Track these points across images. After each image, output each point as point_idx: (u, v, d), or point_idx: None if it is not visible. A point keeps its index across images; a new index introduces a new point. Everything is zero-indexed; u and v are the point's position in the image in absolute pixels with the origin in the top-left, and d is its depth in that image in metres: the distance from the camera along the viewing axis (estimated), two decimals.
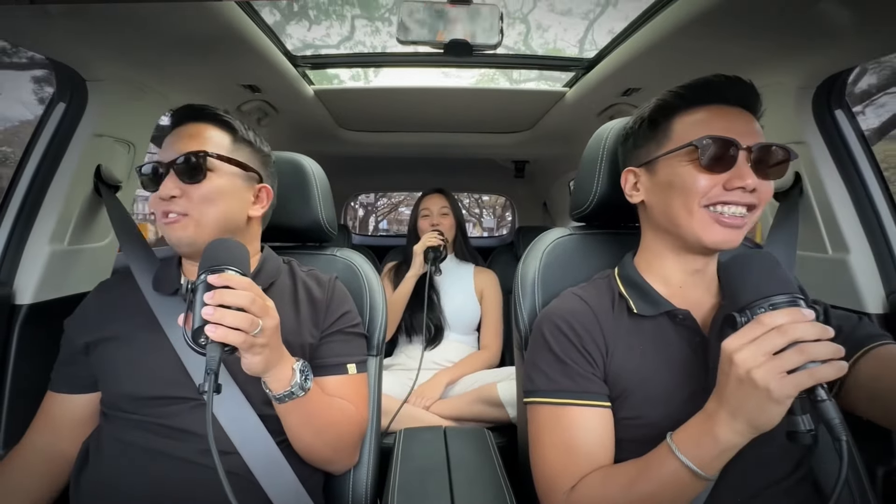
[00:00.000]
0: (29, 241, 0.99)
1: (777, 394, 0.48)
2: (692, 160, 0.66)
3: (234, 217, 0.82)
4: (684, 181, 0.66)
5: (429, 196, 1.94)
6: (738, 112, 0.67)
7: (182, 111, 0.83)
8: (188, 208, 0.76)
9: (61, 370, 0.84)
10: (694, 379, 0.66)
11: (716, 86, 0.67)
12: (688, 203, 0.66)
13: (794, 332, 0.49)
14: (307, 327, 0.83)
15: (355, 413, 0.83)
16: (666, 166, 0.69)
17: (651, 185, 0.72)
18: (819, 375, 0.48)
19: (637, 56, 1.10)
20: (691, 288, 0.72)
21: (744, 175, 0.63)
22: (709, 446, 0.54)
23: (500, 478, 0.91)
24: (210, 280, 0.61)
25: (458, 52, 0.90)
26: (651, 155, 0.72)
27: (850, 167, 1.05)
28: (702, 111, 0.67)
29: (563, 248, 0.96)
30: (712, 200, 0.65)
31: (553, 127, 1.87)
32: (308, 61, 1.37)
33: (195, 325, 0.60)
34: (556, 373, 0.70)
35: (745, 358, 0.51)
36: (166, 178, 0.76)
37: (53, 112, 1.03)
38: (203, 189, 0.77)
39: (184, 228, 0.76)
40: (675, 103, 0.70)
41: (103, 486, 0.73)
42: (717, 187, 0.64)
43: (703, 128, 0.65)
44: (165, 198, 0.75)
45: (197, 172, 0.77)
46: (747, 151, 0.64)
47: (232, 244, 0.67)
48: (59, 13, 0.79)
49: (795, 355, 0.49)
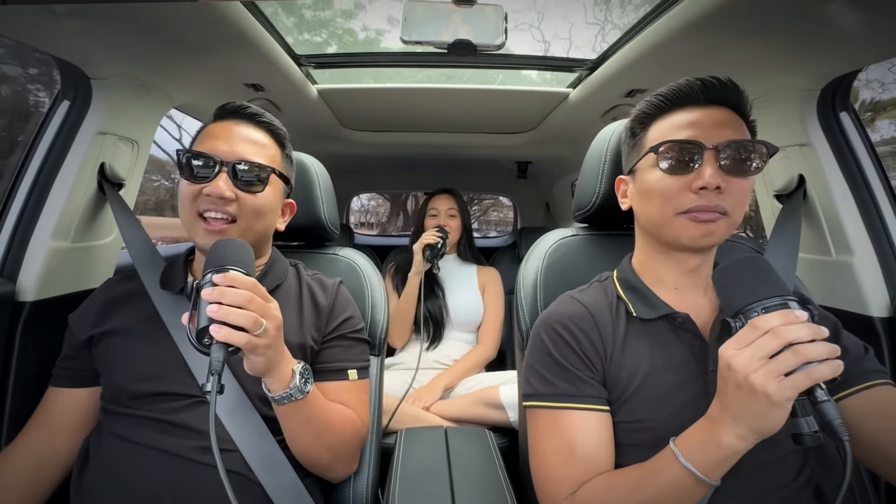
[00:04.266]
0: (33, 239, 0.99)
1: (776, 397, 0.48)
2: (656, 165, 0.67)
3: (270, 230, 0.85)
4: (653, 186, 0.68)
5: (437, 196, 1.93)
6: (711, 111, 0.66)
7: (238, 109, 0.82)
8: (238, 215, 0.76)
9: (63, 365, 0.84)
10: (693, 382, 0.65)
11: (685, 89, 0.68)
12: (661, 207, 0.67)
13: (788, 334, 0.49)
14: (309, 331, 0.83)
15: (356, 419, 0.82)
16: (641, 172, 0.72)
17: (634, 192, 0.75)
18: (816, 375, 0.48)
19: (641, 57, 1.10)
20: (688, 290, 0.72)
21: (704, 175, 0.63)
22: (713, 452, 0.54)
23: (502, 478, 0.91)
24: (215, 279, 0.61)
25: (461, 53, 0.90)
26: (631, 163, 0.75)
27: (854, 170, 1.05)
28: (674, 115, 0.69)
29: (565, 249, 0.96)
30: (682, 209, 0.65)
31: (556, 128, 1.86)
32: (312, 60, 1.37)
33: (199, 324, 0.60)
34: (555, 377, 0.70)
35: (741, 363, 0.51)
36: (219, 175, 0.75)
37: (57, 110, 1.03)
38: (258, 201, 0.78)
39: (228, 235, 0.75)
40: (649, 112, 0.72)
41: (103, 482, 0.73)
42: (684, 191, 0.65)
43: (672, 132, 0.67)
44: (216, 196, 0.74)
45: (258, 184, 0.78)
46: (713, 150, 0.64)
47: (237, 245, 0.67)
48: (64, 12, 0.79)
49: (791, 357, 0.49)
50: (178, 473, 0.71)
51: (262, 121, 0.83)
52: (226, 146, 0.77)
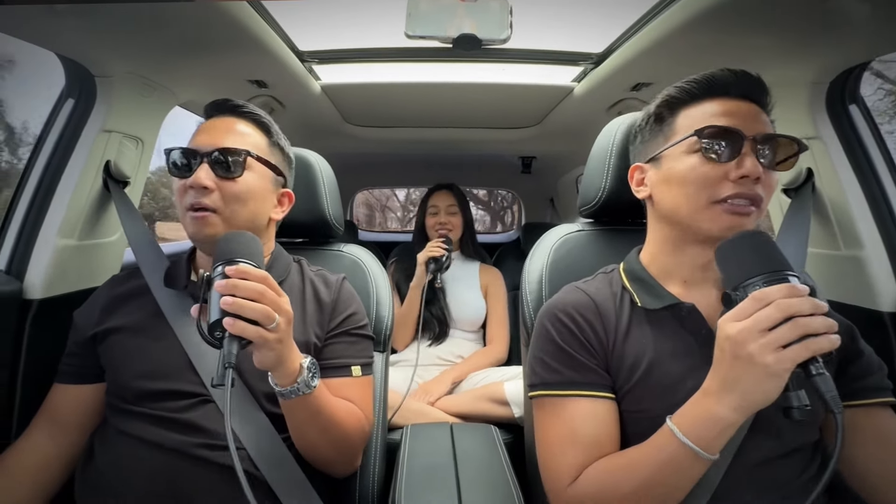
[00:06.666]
0: (39, 237, 0.99)
1: (774, 367, 0.49)
2: (696, 150, 0.66)
3: (260, 218, 0.84)
4: (686, 173, 0.66)
5: (437, 193, 1.91)
6: (743, 104, 0.66)
7: (221, 104, 0.83)
8: (219, 205, 0.77)
9: (68, 361, 0.85)
10: (698, 373, 0.65)
11: (720, 79, 0.67)
12: (695, 195, 0.66)
13: (789, 306, 0.49)
14: (312, 327, 0.83)
15: (361, 415, 0.82)
16: (671, 159, 0.70)
17: (657, 180, 0.73)
18: (814, 347, 0.48)
19: (647, 50, 1.09)
20: (697, 284, 0.72)
21: (747, 164, 0.62)
22: (708, 425, 0.55)
23: (507, 474, 0.91)
24: (227, 272, 0.61)
25: (466, 47, 0.90)
26: (657, 149, 0.72)
27: (863, 163, 1.03)
28: (706, 104, 0.68)
29: (571, 244, 0.96)
30: (718, 197, 0.64)
31: (561, 122, 1.85)
32: (315, 56, 1.36)
33: (211, 317, 0.59)
34: (560, 364, 0.70)
35: (741, 334, 0.51)
36: (199, 167, 0.76)
37: (63, 108, 1.04)
38: (237, 187, 0.78)
39: (212, 226, 0.76)
40: (680, 97, 0.70)
41: (107, 478, 0.73)
42: (722, 180, 0.64)
43: (707, 119, 0.66)
44: (197, 187, 0.75)
45: (235, 168, 0.77)
46: (752, 141, 0.63)
47: (248, 237, 0.67)
48: (68, 10, 0.79)
49: (791, 329, 0.49)
50: (182, 470, 0.71)
51: (244, 112, 0.83)
52: (207, 139, 0.78)
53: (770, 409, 0.53)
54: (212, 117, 0.83)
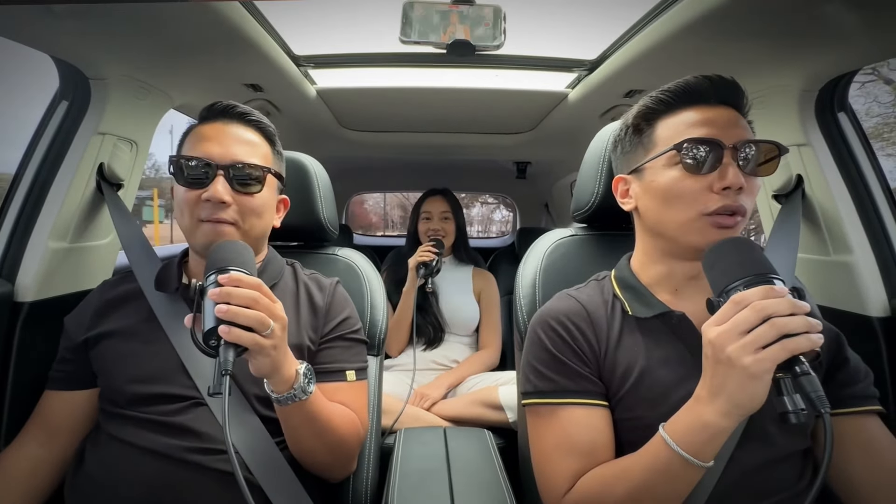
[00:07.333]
0: (31, 239, 0.99)
1: (753, 369, 0.49)
2: (676, 163, 0.66)
3: (268, 228, 0.85)
4: (671, 187, 0.66)
5: (430, 199, 1.91)
6: (720, 111, 0.66)
7: (227, 109, 0.82)
8: (236, 219, 0.77)
9: (59, 368, 0.84)
10: (690, 380, 0.65)
11: (696, 87, 0.67)
12: (685, 209, 0.65)
13: (765, 307, 0.50)
14: (306, 331, 0.83)
15: (355, 419, 0.82)
16: (653, 171, 0.69)
17: (641, 192, 0.72)
18: (791, 346, 0.48)
19: (640, 57, 1.10)
20: (688, 292, 0.72)
21: (730, 175, 0.62)
22: (698, 432, 0.55)
23: (501, 478, 0.91)
24: (220, 280, 0.61)
25: (460, 53, 0.91)
26: (638, 161, 0.72)
27: (852, 169, 1.05)
28: (684, 113, 0.67)
29: (564, 249, 0.96)
30: (703, 211, 0.64)
31: (555, 128, 1.86)
32: (311, 61, 1.37)
33: (206, 326, 0.59)
34: (553, 372, 0.70)
35: (719, 337, 0.51)
36: (216, 180, 0.75)
37: (56, 110, 1.03)
38: (255, 202, 0.78)
39: (230, 237, 0.76)
40: (656, 108, 0.70)
41: (98, 483, 0.72)
42: (706, 193, 0.64)
43: (686, 130, 0.65)
44: (215, 201, 0.74)
45: (255, 185, 0.78)
46: (732, 150, 0.63)
47: (238, 246, 0.67)
48: (63, 12, 0.79)
49: (768, 330, 0.49)
50: (174, 474, 0.71)
51: (251, 119, 0.83)
52: (220, 149, 0.77)
53: (762, 416, 0.53)
54: (215, 121, 0.81)
